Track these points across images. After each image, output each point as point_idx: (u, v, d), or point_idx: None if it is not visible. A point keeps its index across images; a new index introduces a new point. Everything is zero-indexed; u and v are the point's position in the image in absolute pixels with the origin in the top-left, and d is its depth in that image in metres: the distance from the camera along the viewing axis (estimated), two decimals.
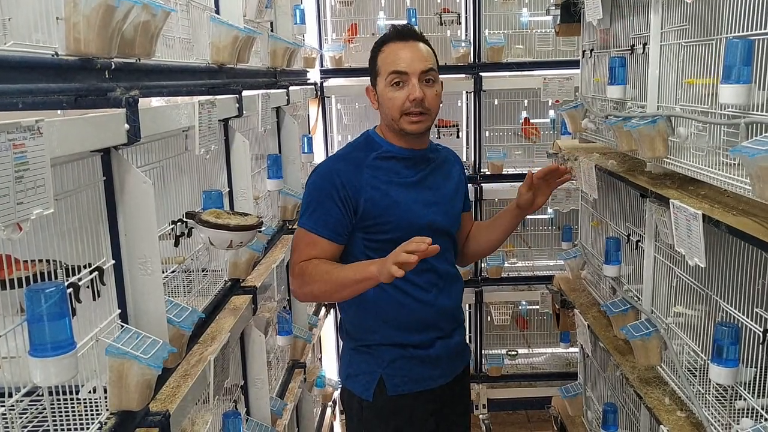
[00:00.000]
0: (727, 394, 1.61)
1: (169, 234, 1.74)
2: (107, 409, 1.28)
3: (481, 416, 4.22)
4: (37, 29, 1.15)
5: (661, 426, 1.73)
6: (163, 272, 1.50)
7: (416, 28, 1.93)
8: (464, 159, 4.30)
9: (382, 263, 1.64)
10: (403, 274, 1.57)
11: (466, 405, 2.14)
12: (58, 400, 1.33)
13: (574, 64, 2.98)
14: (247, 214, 1.93)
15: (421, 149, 1.92)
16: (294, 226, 3.03)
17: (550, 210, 4.28)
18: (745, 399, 1.51)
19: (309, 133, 3.98)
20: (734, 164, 1.46)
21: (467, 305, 4.30)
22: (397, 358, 1.89)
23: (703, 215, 1.46)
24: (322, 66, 4.14)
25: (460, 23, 4.15)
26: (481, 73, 4.05)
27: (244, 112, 2.21)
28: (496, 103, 4.28)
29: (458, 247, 2.06)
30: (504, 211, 2.07)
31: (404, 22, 3.91)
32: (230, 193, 2.23)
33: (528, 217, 4.32)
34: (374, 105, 1.90)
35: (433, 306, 1.90)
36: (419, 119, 1.82)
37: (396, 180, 1.86)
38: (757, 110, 1.35)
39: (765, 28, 1.35)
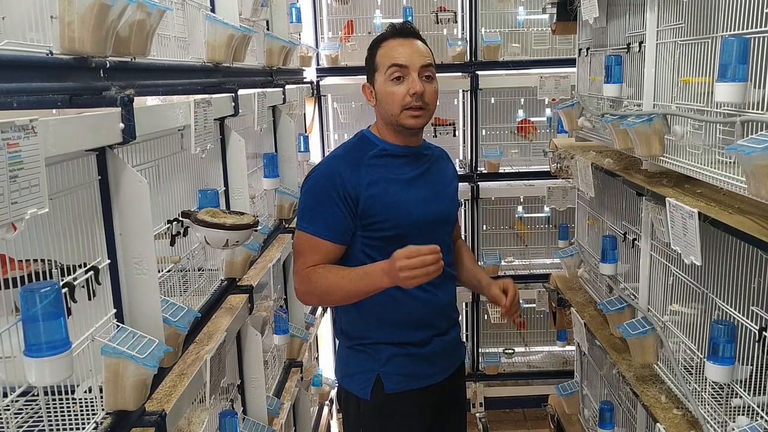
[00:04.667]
0: (723, 391, 1.61)
1: (165, 233, 1.73)
2: (103, 409, 1.28)
3: (478, 415, 4.22)
4: (31, 28, 1.14)
5: (658, 424, 1.73)
6: (158, 271, 1.50)
7: (414, 26, 1.93)
8: (461, 157, 4.30)
9: (392, 275, 1.65)
10: (420, 283, 1.63)
11: (462, 402, 2.14)
12: (54, 400, 1.32)
13: (571, 62, 2.98)
14: (243, 213, 1.92)
15: (416, 147, 1.92)
16: (290, 225, 3.03)
17: (546, 208, 4.28)
18: (741, 397, 1.52)
19: (305, 131, 3.98)
20: (730, 162, 1.46)
21: (464, 303, 4.30)
22: (395, 356, 1.89)
23: (699, 213, 1.46)
24: (318, 65, 4.14)
25: (456, 22, 4.15)
26: (477, 72, 4.06)
27: (240, 110, 2.20)
28: (492, 101, 4.29)
29: None
30: (475, 272, 2.07)
31: (401, 20, 3.91)
32: (226, 192, 2.23)
33: (525, 215, 4.41)
34: (371, 102, 1.90)
35: (430, 304, 1.90)
36: (419, 114, 1.82)
37: (394, 177, 1.85)
38: (753, 108, 1.35)
39: (760, 27, 1.35)
